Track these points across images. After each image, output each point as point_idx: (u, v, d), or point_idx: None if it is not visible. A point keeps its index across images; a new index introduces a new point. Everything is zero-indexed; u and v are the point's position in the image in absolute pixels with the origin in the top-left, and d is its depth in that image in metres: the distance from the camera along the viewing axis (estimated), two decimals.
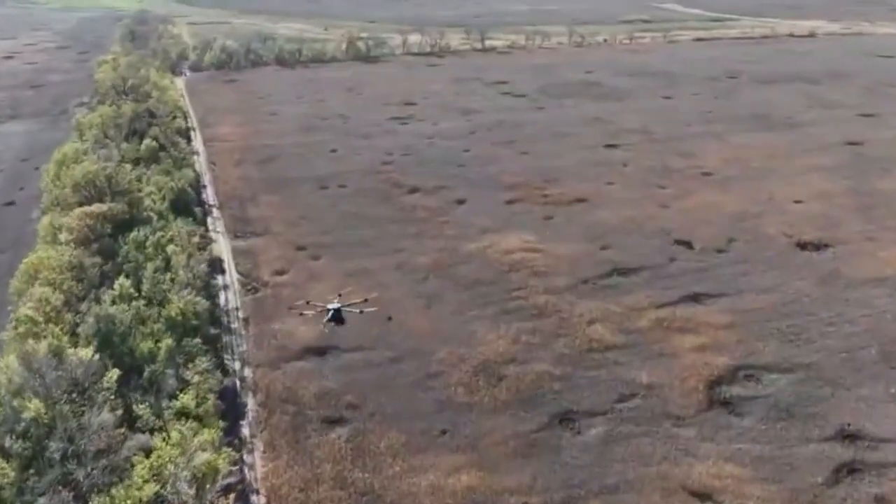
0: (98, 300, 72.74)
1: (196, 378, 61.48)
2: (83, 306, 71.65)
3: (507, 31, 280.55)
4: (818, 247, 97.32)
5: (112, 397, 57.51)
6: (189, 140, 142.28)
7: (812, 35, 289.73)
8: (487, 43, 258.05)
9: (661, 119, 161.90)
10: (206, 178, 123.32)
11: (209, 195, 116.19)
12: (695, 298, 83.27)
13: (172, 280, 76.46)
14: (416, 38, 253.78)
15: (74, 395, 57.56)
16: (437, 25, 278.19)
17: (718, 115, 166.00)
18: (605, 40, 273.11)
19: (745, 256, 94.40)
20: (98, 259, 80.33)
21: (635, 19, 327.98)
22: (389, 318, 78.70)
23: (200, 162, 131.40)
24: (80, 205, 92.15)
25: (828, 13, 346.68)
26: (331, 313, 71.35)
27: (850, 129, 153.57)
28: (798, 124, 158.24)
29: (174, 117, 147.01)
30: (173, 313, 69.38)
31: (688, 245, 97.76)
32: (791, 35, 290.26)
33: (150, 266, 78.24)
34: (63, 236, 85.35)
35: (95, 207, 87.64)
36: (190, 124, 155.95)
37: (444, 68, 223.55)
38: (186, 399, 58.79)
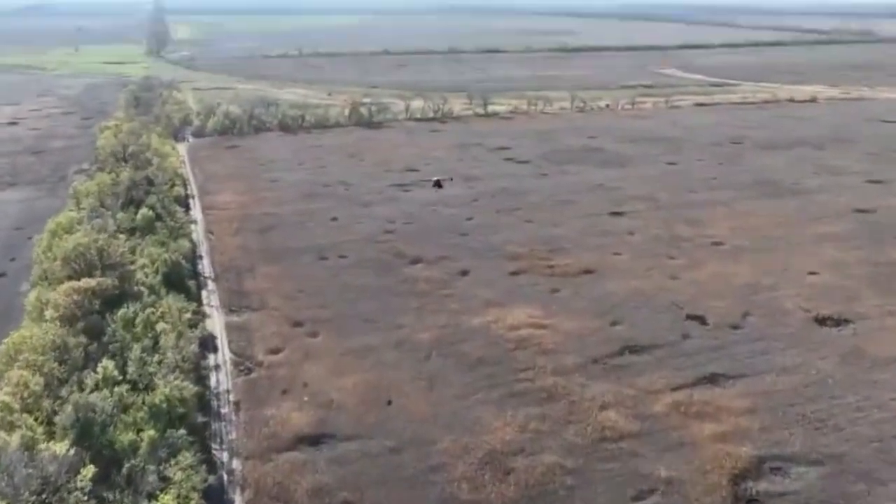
0: (80, 384, 68.66)
1: (179, 475, 56.75)
2: (63, 391, 67.50)
3: (509, 97, 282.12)
4: (838, 322, 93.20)
5: (85, 498, 52.82)
6: (188, 208, 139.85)
7: (813, 100, 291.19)
8: (489, 108, 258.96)
9: (667, 186, 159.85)
10: (203, 249, 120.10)
11: (205, 266, 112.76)
12: (712, 380, 78.79)
13: (160, 362, 72.30)
14: (418, 104, 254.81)
15: (45, 495, 52.93)
16: (440, 91, 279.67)
17: (724, 181, 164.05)
18: (607, 105, 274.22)
19: (761, 333, 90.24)
20: (83, 338, 76.41)
21: (636, 84, 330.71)
22: (389, 402, 74.40)
23: (198, 231, 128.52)
24: (70, 278, 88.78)
25: (827, 78, 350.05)
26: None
27: (859, 196, 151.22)
28: (806, 191, 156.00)
29: (173, 185, 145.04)
30: (158, 400, 65.04)
31: (701, 320, 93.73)
32: (792, 100, 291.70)
33: (136, 347, 74.23)
34: (49, 313, 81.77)
35: (84, 282, 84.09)
36: (189, 191, 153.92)
37: (447, 134, 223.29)
38: (167, 500, 54.07)
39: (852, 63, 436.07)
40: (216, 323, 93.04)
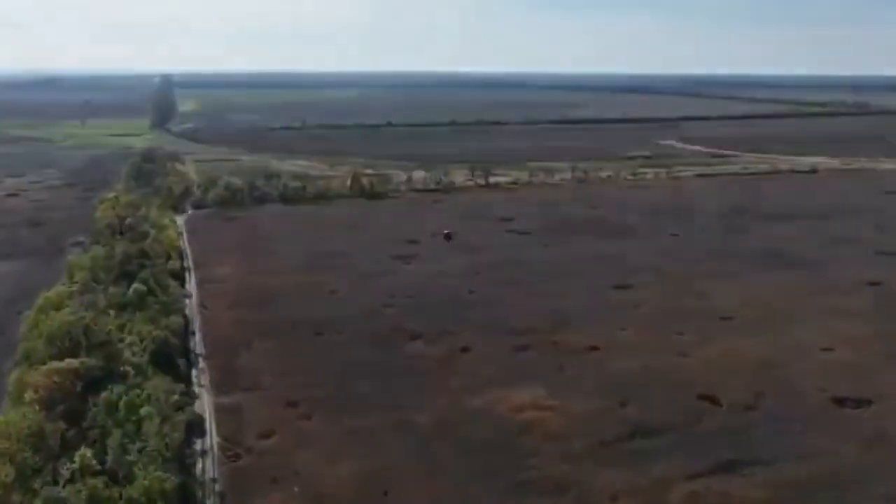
0: (55, 475, 64.34)
1: None
2: (37, 482, 63.20)
3: (511, 168, 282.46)
4: (857, 402, 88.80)
5: None
6: (183, 282, 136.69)
7: (814, 171, 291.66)
8: (491, 179, 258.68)
9: (671, 257, 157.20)
10: (196, 324, 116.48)
11: (197, 343, 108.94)
12: (729, 467, 74.09)
13: (141, 450, 68.03)
14: (420, 175, 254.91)
15: None
16: (442, 162, 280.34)
17: (729, 252, 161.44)
18: (609, 176, 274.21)
19: (777, 414, 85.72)
20: (62, 424, 72.31)
21: (637, 155, 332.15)
22: (385, 493, 69.71)
23: (192, 305, 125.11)
24: (53, 358, 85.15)
25: (826, 149, 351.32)
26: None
27: (868, 267, 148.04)
28: (813, 263, 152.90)
29: (169, 257, 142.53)
30: (136, 493, 60.64)
31: (713, 400, 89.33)
32: (793, 171, 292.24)
33: (117, 433, 70.09)
34: (28, 395, 77.85)
35: (66, 363, 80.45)
36: (186, 264, 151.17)
37: (449, 205, 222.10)
38: None
39: (850, 134, 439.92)
40: (205, 404, 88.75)
